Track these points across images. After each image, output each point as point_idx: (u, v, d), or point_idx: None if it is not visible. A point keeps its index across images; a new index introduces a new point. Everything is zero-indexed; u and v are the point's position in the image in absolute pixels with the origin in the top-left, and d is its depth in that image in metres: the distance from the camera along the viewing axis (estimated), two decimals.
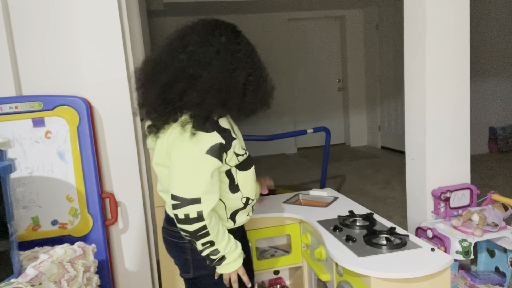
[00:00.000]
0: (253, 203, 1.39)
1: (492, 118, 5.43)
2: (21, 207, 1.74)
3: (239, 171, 1.28)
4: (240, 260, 1.28)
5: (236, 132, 1.26)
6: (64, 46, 1.82)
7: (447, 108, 2.18)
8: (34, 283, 1.24)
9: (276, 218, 1.93)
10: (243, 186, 1.30)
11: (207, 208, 1.16)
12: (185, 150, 1.15)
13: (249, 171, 1.30)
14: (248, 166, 1.30)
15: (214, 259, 1.23)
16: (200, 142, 1.13)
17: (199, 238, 1.18)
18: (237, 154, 1.22)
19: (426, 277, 1.32)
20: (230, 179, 1.27)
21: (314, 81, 6.59)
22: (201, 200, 1.14)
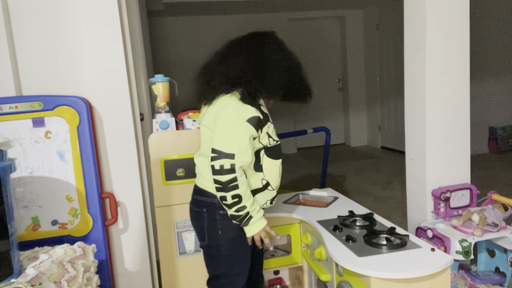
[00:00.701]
0: (273, 192, 1.54)
1: (492, 118, 5.43)
2: (21, 207, 1.74)
3: (267, 156, 1.49)
4: (264, 221, 1.44)
5: (271, 120, 1.50)
6: (64, 46, 1.82)
7: (447, 108, 2.18)
8: (34, 283, 1.24)
9: (276, 218, 1.93)
10: (267, 170, 1.50)
11: (239, 164, 1.37)
12: (231, 114, 1.39)
13: (276, 161, 1.52)
14: (277, 156, 1.51)
15: (241, 215, 1.40)
16: (244, 111, 1.39)
17: (230, 189, 1.36)
18: (269, 136, 1.46)
19: (426, 277, 1.32)
20: (256, 158, 1.47)
21: (314, 81, 6.55)
22: (235, 156, 1.36)
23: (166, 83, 1.92)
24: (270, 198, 1.55)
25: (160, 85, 1.90)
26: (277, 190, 1.58)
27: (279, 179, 1.57)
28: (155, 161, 1.84)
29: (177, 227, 1.89)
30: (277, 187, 1.57)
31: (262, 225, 1.44)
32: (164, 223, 1.87)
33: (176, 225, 1.89)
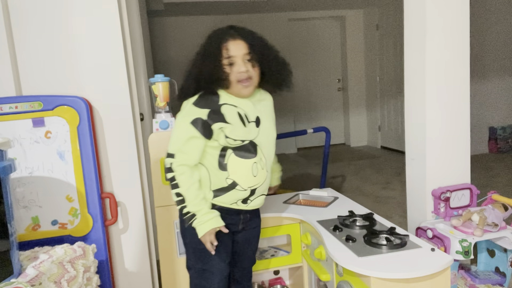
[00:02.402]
0: (244, 192, 1.51)
1: (492, 118, 5.43)
2: (21, 207, 1.74)
3: (235, 156, 1.47)
4: (211, 224, 1.42)
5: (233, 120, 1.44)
6: (64, 46, 1.82)
7: (447, 108, 2.18)
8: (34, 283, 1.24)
9: (276, 218, 1.93)
10: (233, 169, 1.48)
11: (178, 162, 1.41)
12: (178, 117, 1.47)
13: (245, 161, 1.48)
14: (246, 156, 1.48)
15: (185, 214, 1.43)
16: (189, 114, 1.43)
17: (172, 187, 1.43)
18: (227, 136, 1.43)
19: (426, 277, 1.32)
20: (220, 157, 1.47)
21: (314, 81, 6.59)
22: (175, 156, 1.42)
23: (166, 83, 1.92)
24: (241, 197, 1.52)
25: (160, 85, 1.90)
26: (255, 190, 1.53)
27: (255, 179, 1.51)
28: (155, 161, 1.84)
29: (177, 227, 1.89)
30: (252, 187, 1.52)
31: (207, 228, 1.42)
32: (164, 223, 1.87)
33: (176, 225, 1.89)
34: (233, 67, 1.43)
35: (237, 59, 1.44)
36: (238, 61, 1.44)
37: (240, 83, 1.45)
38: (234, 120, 1.45)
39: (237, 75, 1.44)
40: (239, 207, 1.54)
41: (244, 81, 1.45)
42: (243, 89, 1.46)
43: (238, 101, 1.48)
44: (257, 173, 1.50)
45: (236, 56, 1.43)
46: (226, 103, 1.46)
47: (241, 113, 1.47)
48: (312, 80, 6.57)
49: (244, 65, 1.44)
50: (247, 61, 1.45)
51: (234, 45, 1.44)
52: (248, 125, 1.47)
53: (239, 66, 1.44)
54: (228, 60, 1.43)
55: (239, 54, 1.43)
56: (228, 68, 1.43)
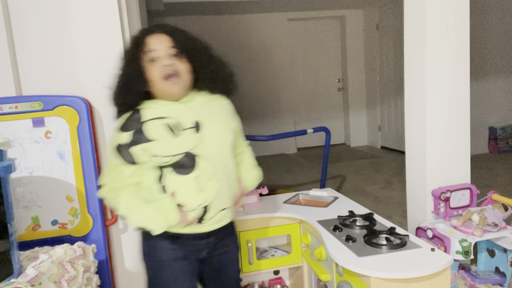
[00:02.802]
0: (192, 213, 1.30)
1: (492, 118, 5.43)
2: (21, 207, 1.74)
3: (172, 173, 1.28)
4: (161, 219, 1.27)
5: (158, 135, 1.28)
6: (64, 46, 1.82)
7: (447, 108, 2.18)
8: (34, 283, 1.24)
9: (276, 218, 1.93)
10: (173, 189, 1.28)
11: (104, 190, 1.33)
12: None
13: (184, 177, 1.28)
14: (183, 171, 1.28)
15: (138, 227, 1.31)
16: (112, 140, 1.35)
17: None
18: (154, 155, 1.27)
19: (426, 277, 1.32)
20: (159, 179, 1.30)
21: (314, 81, 6.59)
22: (103, 185, 1.35)
23: None
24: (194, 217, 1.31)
25: None
26: (207, 207, 1.30)
27: (203, 195, 1.29)
28: None
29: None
30: (202, 204, 1.30)
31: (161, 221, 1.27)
32: None
33: None
34: (155, 63, 1.28)
35: (160, 53, 1.27)
36: (161, 55, 1.28)
37: (166, 80, 1.28)
38: (160, 135, 1.27)
39: (160, 70, 1.27)
40: (195, 230, 1.33)
41: (170, 77, 1.27)
42: (172, 87, 1.28)
43: (168, 109, 1.31)
44: (203, 187, 1.29)
45: (157, 50, 1.27)
46: (151, 118, 1.29)
47: (170, 123, 1.28)
48: (312, 80, 6.57)
49: (168, 59, 1.28)
50: (173, 56, 1.29)
51: (155, 39, 1.29)
52: (180, 135, 1.28)
53: (163, 60, 1.27)
54: (148, 56, 1.28)
55: (162, 47, 1.27)
56: (149, 66, 1.28)
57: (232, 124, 1.41)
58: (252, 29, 6.08)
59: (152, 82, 1.29)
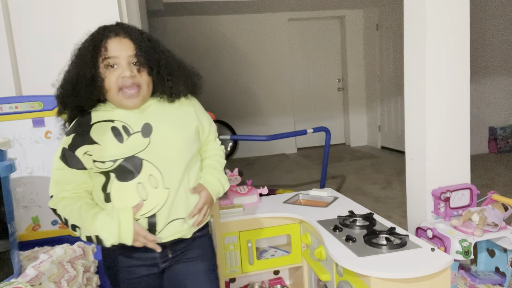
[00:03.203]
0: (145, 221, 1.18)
1: (492, 118, 5.43)
2: (21, 207, 1.74)
3: (116, 180, 1.17)
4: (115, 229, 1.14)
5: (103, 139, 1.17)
6: (64, 46, 1.82)
7: (447, 108, 2.18)
8: (34, 283, 1.24)
9: (276, 218, 1.93)
10: (116, 198, 1.18)
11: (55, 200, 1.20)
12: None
13: (127, 184, 1.17)
14: (126, 177, 1.17)
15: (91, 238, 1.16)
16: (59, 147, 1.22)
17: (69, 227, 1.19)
18: (94, 160, 1.16)
19: (426, 277, 1.32)
20: (103, 186, 1.19)
21: (314, 81, 6.59)
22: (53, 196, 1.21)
23: None
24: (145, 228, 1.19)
25: None
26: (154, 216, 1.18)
27: (149, 205, 1.17)
28: None
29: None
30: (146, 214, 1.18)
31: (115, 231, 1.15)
32: None
33: None
34: (114, 70, 1.15)
35: (120, 60, 1.15)
36: (121, 63, 1.16)
37: (122, 91, 1.16)
38: (104, 139, 1.17)
39: (118, 80, 1.15)
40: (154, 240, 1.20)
41: (127, 88, 1.16)
42: (127, 101, 1.17)
43: (116, 113, 1.20)
44: (148, 195, 1.17)
45: (118, 57, 1.15)
46: (99, 120, 1.19)
47: (118, 126, 1.18)
48: (312, 80, 6.57)
49: (128, 69, 1.15)
50: (133, 65, 1.17)
51: (116, 43, 1.16)
52: (127, 140, 1.17)
53: (122, 69, 1.15)
54: (107, 61, 1.15)
55: (123, 55, 1.15)
56: (106, 72, 1.16)
57: (190, 127, 1.27)
58: (252, 29, 6.09)
59: (107, 90, 1.17)
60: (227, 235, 1.89)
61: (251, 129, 6.13)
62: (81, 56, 1.18)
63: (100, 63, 1.16)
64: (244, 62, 6.09)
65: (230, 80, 6.07)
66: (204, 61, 5.82)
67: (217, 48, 5.98)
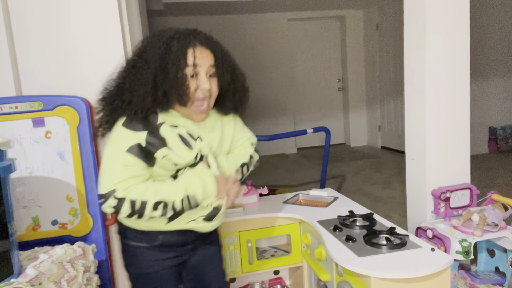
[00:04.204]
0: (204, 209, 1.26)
1: (492, 118, 5.43)
2: (21, 207, 1.74)
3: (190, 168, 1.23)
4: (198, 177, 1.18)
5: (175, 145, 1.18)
6: (64, 46, 1.82)
7: (447, 108, 2.18)
8: (34, 283, 1.24)
9: (276, 218, 1.93)
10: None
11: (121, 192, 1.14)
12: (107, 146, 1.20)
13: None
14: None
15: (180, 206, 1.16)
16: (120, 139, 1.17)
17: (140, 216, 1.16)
18: (175, 163, 1.19)
19: (426, 277, 1.32)
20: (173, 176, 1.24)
21: (314, 81, 6.59)
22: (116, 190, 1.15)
23: None
24: (203, 214, 1.27)
25: None
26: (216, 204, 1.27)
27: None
28: None
29: None
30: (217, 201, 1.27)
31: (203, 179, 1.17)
32: None
33: None
34: (194, 79, 1.16)
35: (201, 70, 1.16)
36: (201, 74, 1.16)
37: (194, 104, 1.18)
38: (175, 145, 1.18)
39: (198, 91, 1.16)
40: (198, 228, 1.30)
41: (200, 101, 1.18)
42: (197, 115, 1.20)
43: (177, 120, 1.21)
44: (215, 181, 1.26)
45: (200, 65, 1.15)
46: (164, 122, 1.18)
47: (182, 134, 1.20)
48: (312, 80, 6.57)
49: (207, 81, 1.17)
50: (210, 76, 1.19)
51: (200, 52, 1.16)
52: (195, 145, 1.21)
53: (201, 80, 1.16)
54: (190, 69, 1.14)
55: (205, 65, 1.16)
56: (190, 81, 1.15)
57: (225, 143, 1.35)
58: (252, 29, 6.09)
59: (187, 96, 1.16)
60: (227, 235, 1.89)
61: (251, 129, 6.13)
62: (164, 57, 1.12)
63: (184, 69, 1.14)
64: (244, 62, 6.08)
65: None
66: None
67: None
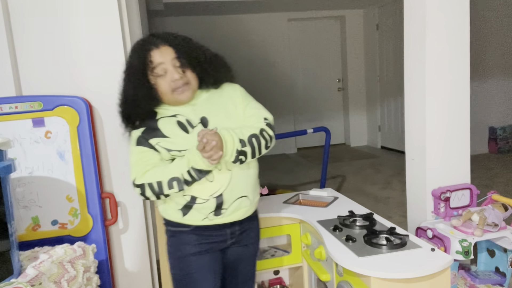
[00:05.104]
0: (209, 204, 1.34)
1: (492, 118, 5.43)
2: (21, 207, 1.74)
3: None
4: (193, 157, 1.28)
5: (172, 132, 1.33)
6: (64, 46, 1.82)
7: (447, 108, 2.18)
8: (34, 283, 1.24)
9: (276, 218, 1.93)
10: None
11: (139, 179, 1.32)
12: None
13: None
14: None
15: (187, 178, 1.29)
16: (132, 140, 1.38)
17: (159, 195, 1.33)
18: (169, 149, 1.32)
19: (426, 277, 1.32)
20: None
21: (314, 81, 6.59)
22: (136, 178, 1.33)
23: None
24: (210, 210, 1.35)
25: None
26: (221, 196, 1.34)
27: (213, 185, 1.33)
28: None
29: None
30: (214, 194, 1.34)
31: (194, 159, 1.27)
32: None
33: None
34: (164, 77, 1.32)
35: (166, 66, 1.32)
36: (169, 69, 1.32)
37: (175, 91, 1.33)
38: (173, 132, 1.33)
39: (171, 84, 1.32)
40: (215, 222, 1.37)
41: (180, 88, 1.33)
42: (181, 96, 1.34)
43: (176, 108, 1.37)
44: (213, 177, 1.33)
45: (163, 62, 1.31)
46: (162, 116, 1.37)
47: (181, 120, 1.35)
48: (312, 80, 6.57)
49: (176, 72, 1.32)
50: (178, 67, 1.33)
51: (160, 52, 1.31)
52: (192, 131, 1.34)
53: (171, 74, 1.32)
54: (156, 71, 1.32)
55: (168, 60, 1.31)
56: (158, 80, 1.32)
57: (238, 110, 1.42)
58: (252, 29, 6.08)
59: (162, 94, 1.34)
60: None
61: None
62: (132, 75, 1.34)
63: (150, 75, 1.32)
64: (244, 62, 6.09)
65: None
66: None
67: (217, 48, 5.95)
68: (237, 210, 1.38)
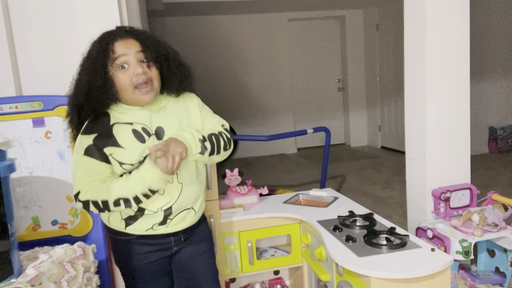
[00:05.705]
0: (158, 215, 1.28)
1: (492, 118, 5.43)
2: (21, 207, 1.74)
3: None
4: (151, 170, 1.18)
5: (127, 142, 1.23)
6: (64, 46, 1.82)
7: (447, 108, 2.18)
8: (34, 283, 1.24)
9: (276, 218, 1.93)
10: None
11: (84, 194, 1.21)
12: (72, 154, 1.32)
13: None
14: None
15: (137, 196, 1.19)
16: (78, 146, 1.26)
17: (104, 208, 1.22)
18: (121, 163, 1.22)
19: (426, 277, 1.32)
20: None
21: (314, 81, 6.59)
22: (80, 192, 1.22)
23: None
24: (155, 222, 1.29)
25: None
26: (170, 208, 1.29)
27: (164, 198, 1.28)
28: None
29: None
30: (163, 207, 1.28)
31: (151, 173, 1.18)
32: None
33: None
34: (126, 71, 1.20)
35: (130, 58, 1.20)
36: (131, 62, 1.20)
37: (138, 89, 1.21)
38: (128, 142, 1.23)
39: (133, 79, 1.20)
40: (159, 232, 1.32)
41: (142, 85, 1.21)
42: (143, 96, 1.22)
43: (133, 115, 1.26)
44: (163, 190, 1.27)
45: (127, 54, 1.20)
46: (117, 122, 1.24)
47: (137, 129, 1.24)
48: (312, 80, 6.57)
49: (139, 66, 1.20)
50: (142, 62, 1.22)
51: (123, 44, 1.21)
52: (148, 141, 1.24)
53: (133, 67, 1.20)
54: (117, 62, 1.20)
55: (131, 52, 1.20)
56: (118, 73, 1.20)
57: (193, 121, 1.34)
58: (252, 29, 6.08)
59: (121, 90, 1.22)
60: (227, 235, 1.89)
61: (251, 129, 6.12)
62: (90, 64, 1.21)
63: (110, 66, 1.20)
64: (244, 62, 6.09)
65: (230, 80, 6.07)
66: (204, 61, 5.82)
67: (217, 48, 5.97)
68: (181, 221, 1.34)
